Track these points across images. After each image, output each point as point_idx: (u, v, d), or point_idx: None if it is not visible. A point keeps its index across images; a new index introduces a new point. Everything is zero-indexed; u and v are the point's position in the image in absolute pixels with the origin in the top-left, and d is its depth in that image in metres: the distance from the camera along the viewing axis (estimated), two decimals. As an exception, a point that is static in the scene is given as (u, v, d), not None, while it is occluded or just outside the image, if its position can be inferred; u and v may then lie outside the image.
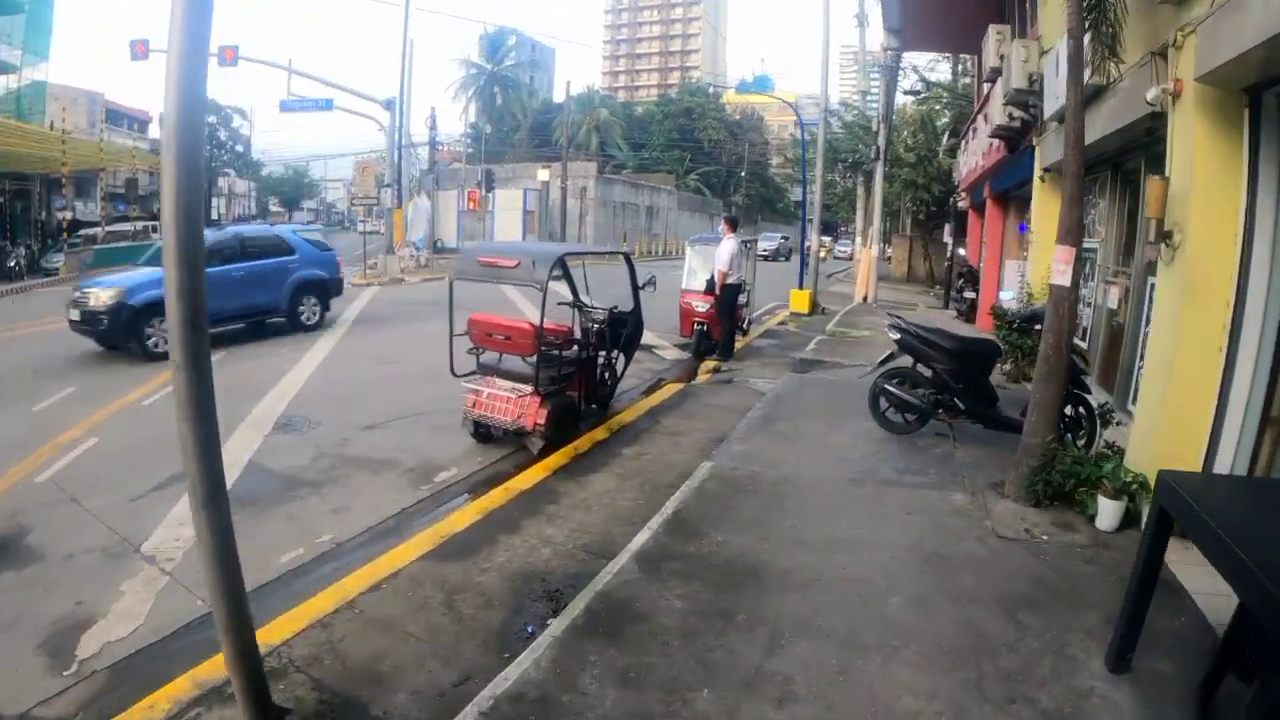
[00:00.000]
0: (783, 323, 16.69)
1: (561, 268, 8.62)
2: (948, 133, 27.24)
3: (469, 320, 7.01)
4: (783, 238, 45.99)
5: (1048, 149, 9.16)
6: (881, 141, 19.14)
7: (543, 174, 42.96)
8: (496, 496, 5.92)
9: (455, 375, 7.16)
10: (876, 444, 6.79)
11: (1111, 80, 6.05)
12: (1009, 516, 5.33)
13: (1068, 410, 6.39)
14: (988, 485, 5.86)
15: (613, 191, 49.04)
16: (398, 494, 6.01)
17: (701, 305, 11.75)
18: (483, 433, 7.17)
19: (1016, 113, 10.06)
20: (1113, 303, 8.05)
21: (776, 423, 7.44)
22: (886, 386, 6.86)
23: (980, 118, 13.66)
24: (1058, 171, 9.37)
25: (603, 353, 8.19)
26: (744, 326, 13.82)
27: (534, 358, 6.69)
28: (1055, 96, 8.23)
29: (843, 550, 4.69)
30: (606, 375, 8.37)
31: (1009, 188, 13.24)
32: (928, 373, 6.85)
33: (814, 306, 18.29)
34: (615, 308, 8.22)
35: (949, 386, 6.63)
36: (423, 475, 6.43)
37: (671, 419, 8.14)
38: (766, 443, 6.78)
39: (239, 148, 64.76)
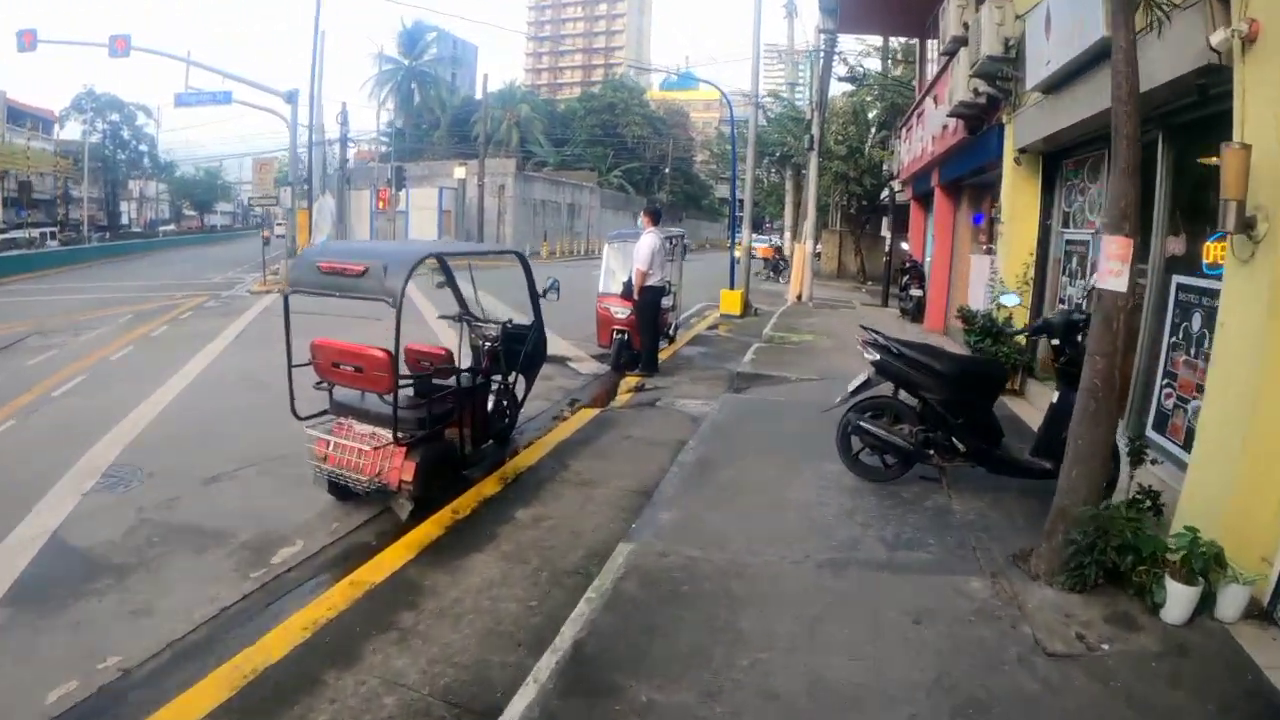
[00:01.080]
0: (713, 326, 15.15)
1: (444, 272, 6.91)
2: (876, 125, 26.36)
3: (311, 346, 5.30)
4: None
5: (1026, 126, 7.78)
6: (816, 130, 17.77)
7: (459, 171, 40.94)
8: (336, 598, 4.16)
9: (298, 417, 5.41)
10: (850, 498, 5.19)
11: (1156, 22, 4.58)
12: (1050, 614, 3.80)
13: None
14: (1007, 559, 4.33)
15: (532, 189, 47.05)
16: (220, 585, 4.34)
17: (621, 311, 10.08)
18: (342, 488, 5.40)
19: (983, 88, 8.68)
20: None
21: (716, 469, 5.77)
22: (862, 424, 5.25)
23: (929, 100, 12.34)
24: (1036, 151, 8.06)
25: (497, 377, 6.53)
26: (670, 333, 12.24)
27: (396, 395, 4.97)
28: (1043, 60, 6.84)
29: (839, 708, 3.05)
30: (505, 404, 6.71)
31: (963, 175, 11.94)
32: (914, 402, 5.30)
33: (746, 308, 16.90)
34: (509, 321, 6.52)
35: (944, 421, 5.09)
36: (258, 553, 4.74)
37: (583, 460, 6.43)
38: (705, 503, 5.09)
39: (143, 147, 60.34)
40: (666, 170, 63.76)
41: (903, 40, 23.92)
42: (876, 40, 24.42)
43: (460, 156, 46.28)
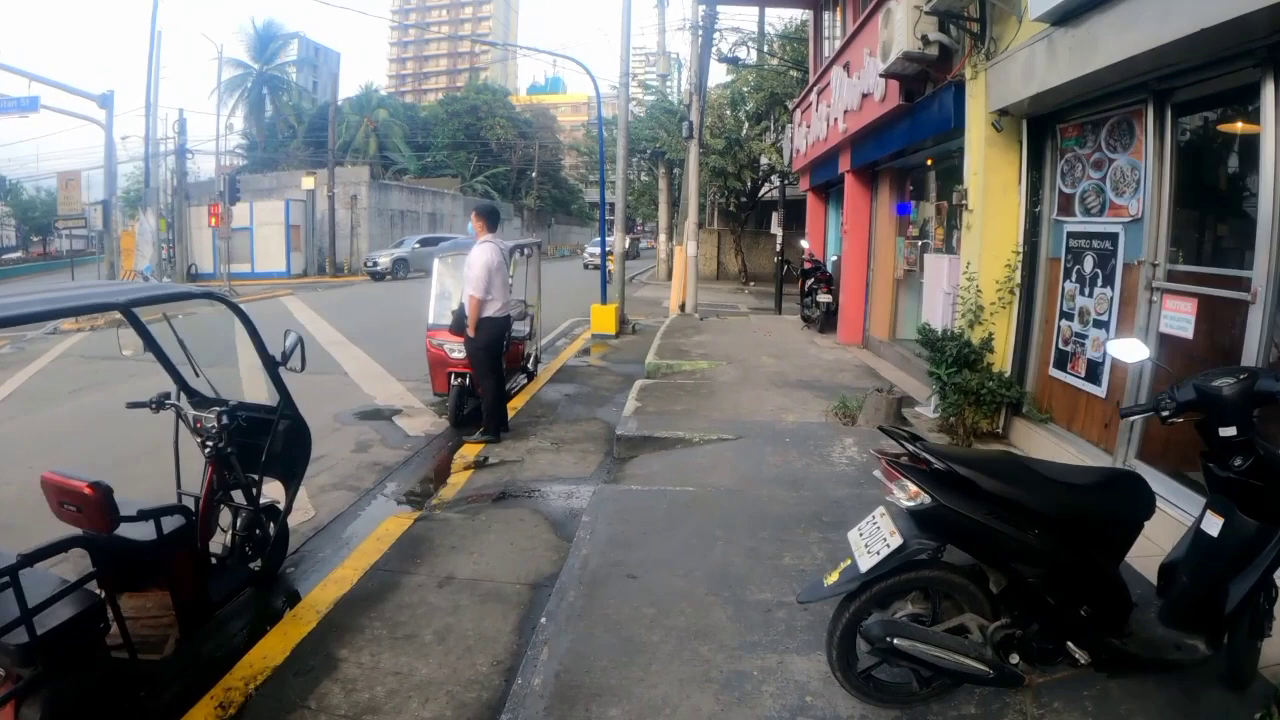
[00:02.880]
0: (584, 352, 12.46)
1: (139, 331, 4.09)
2: (754, 117, 24.58)
3: None
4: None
5: (1011, 78, 5.50)
6: (695, 117, 15.38)
7: (307, 182, 36.91)
8: None
9: None
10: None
11: None
12: None
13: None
14: None
15: (389, 198, 43.11)
16: None
17: (458, 350, 7.30)
18: None
19: (934, 35, 6.43)
20: (1179, 328, 4.49)
21: (593, 702, 3.05)
22: (898, 644, 2.50)
23: (838, 70, 10.08)
24: (1019, 114, 5.86)
25: (238, 493, 3.96)
26: (529, 366, 9.58)
27: None
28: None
29: None
30: (254, 533, 4.09)
31: (881, 158, 9.75)
32: (967, 562, 2.76)
33: (622, 325, 14.41)
34: (231, 406, 3.77)
35: (1058, 612, 2.56)
36: None
37: (366, 646, 3.59)
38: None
39: (-36, 165, 52.27)
40: (534, 174, 60.83)
41: (780, 26, 22.25)
42: (753, 29, 22.62)
43: (317, 166, 42.02)
